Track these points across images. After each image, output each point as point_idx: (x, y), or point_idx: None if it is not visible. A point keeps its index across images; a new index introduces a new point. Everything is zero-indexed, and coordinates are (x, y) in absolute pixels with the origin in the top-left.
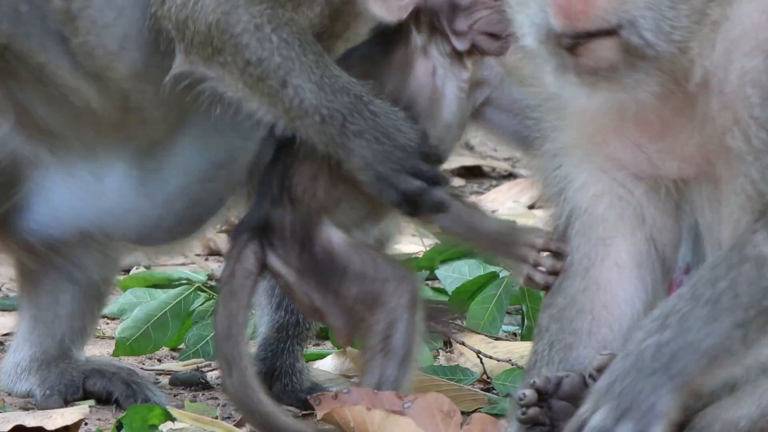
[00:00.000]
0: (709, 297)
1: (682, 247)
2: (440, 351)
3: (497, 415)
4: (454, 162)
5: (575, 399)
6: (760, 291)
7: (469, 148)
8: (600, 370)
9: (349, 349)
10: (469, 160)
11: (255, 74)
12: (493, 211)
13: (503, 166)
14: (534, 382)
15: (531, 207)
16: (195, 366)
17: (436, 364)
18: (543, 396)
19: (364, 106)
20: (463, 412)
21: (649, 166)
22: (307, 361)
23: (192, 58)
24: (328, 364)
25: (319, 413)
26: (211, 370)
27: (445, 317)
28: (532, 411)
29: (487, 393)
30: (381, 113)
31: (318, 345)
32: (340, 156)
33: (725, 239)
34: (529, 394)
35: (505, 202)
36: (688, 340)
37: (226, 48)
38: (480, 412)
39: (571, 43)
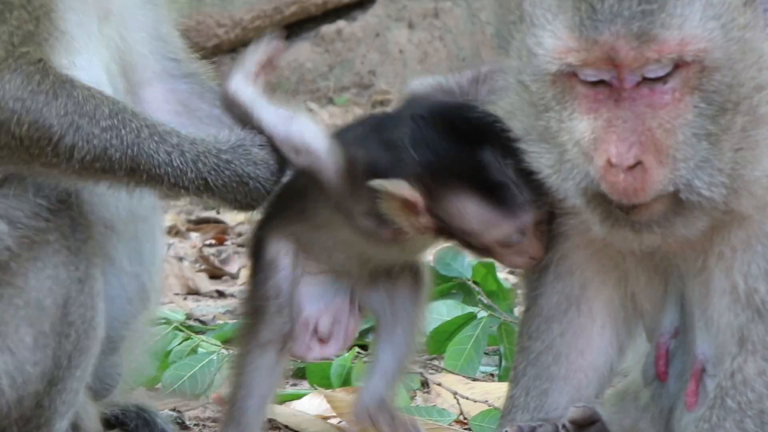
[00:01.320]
0: None
1: (670, 311)
2: (417, 391)
3: None
4: None
5: None
6: None
7: None
8: (573, 422)
9: (326, 391)
10: None
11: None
12: None
13: None
14: (506, 431)
15: None
16: (173, 406)
17: (413, 404)
18: None
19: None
20: None
21: None
22: (284, 402)
23: None
24: (305, 405)
25: None
26: (189, 410)
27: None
28: None
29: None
30: (234, 159)
31: (295, 385)
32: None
33: (714, 317)
34: None
35: None
36: None
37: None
38: None
39: (626, 207)
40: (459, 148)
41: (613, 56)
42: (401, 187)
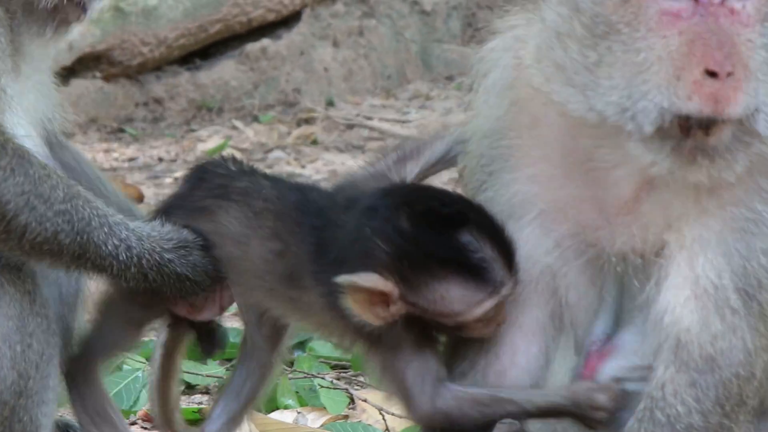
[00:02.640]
0: None
1: (603, 319)
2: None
3: None
4: None
5: None
6: None
7: None
8: None
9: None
10: None
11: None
12: None
13: None
14: None
15: None
16: None
17: (339, 420)
18: None
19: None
20: None
21: (606, 238)
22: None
23: None
24: None
25: None
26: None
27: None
28: None
29: None
30: (175, 259)
31: None
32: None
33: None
34: None
35: None
36: None
37: None
38: None
39: (705, 125)
40: (434, 234)
41: None
42: (373, 280)
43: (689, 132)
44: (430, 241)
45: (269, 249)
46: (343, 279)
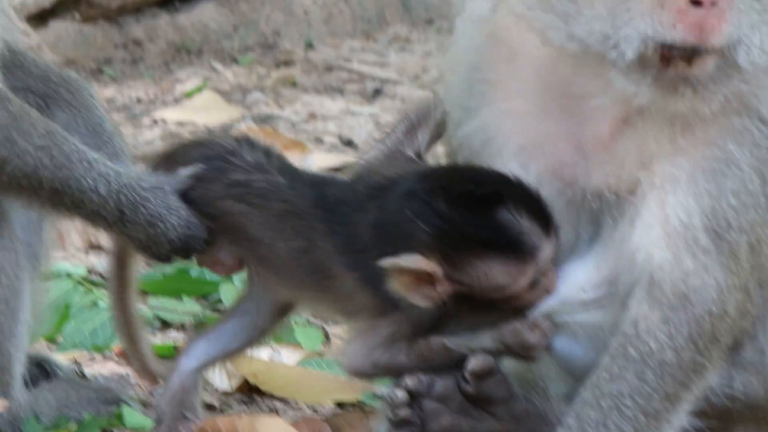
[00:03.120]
0: (596, 420)
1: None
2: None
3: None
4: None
5: (447, 400)
6: (645, 397)
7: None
8: (473, 372)
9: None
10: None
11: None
12: None
13: None
14: (406, 382)
15: None
16: (73, 358)
17: (314, 359)
18: (415, 397)
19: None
20: (342, 403)
21: (582, 175)
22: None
23: None
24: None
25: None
26: (90, 363)
27: None
28: (403, 412)
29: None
30: (151, 198)
31: None
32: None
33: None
34: (401, 394)
35: None
36: None
37: None
38: (358, 402)
39: (687, 56)
40: (471, 214)
41: None
42: (417, 261)
43: (670, 62)
44: (467, 222)
45: (294, 248)
46: (387, 262)
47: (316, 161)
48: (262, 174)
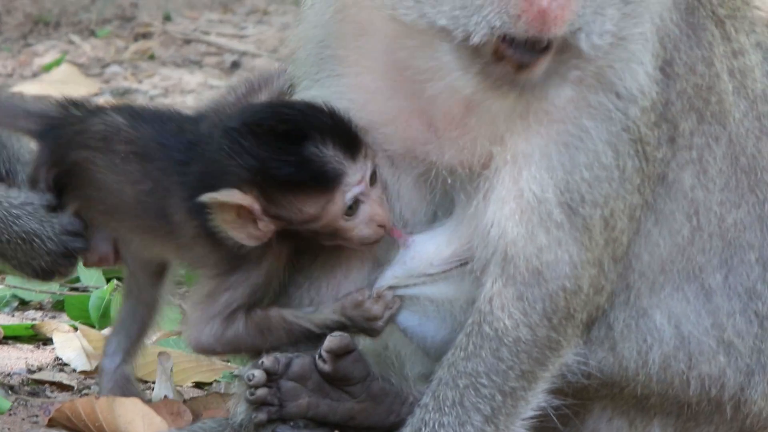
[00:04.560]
0: (453, 400)
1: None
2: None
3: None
4: None
5: (305, 380)
6: (501, 375)
7: None
8: (329, 351)
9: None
10: None
11: None
12: None
13: None
14: (263, 362)
15: None
16: None
17: (172, 337)
18: (272, 376)
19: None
20: (201, 384)
21: (435, 153)
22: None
23: None
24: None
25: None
26: None
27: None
28: (261, 392)
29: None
30: (22, 216)
31: (54, 317)
32: None
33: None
34: (258, 374)
35: None
36: None
37: None
38: (217, 382)
39: (522, 61)
40: (275, 150)
41: None
42: (233, 195)
43: (501, 60)
44: (271, 159)
45: (141, 190)
46: (206, 197)
47: None
48: (98, 117)
